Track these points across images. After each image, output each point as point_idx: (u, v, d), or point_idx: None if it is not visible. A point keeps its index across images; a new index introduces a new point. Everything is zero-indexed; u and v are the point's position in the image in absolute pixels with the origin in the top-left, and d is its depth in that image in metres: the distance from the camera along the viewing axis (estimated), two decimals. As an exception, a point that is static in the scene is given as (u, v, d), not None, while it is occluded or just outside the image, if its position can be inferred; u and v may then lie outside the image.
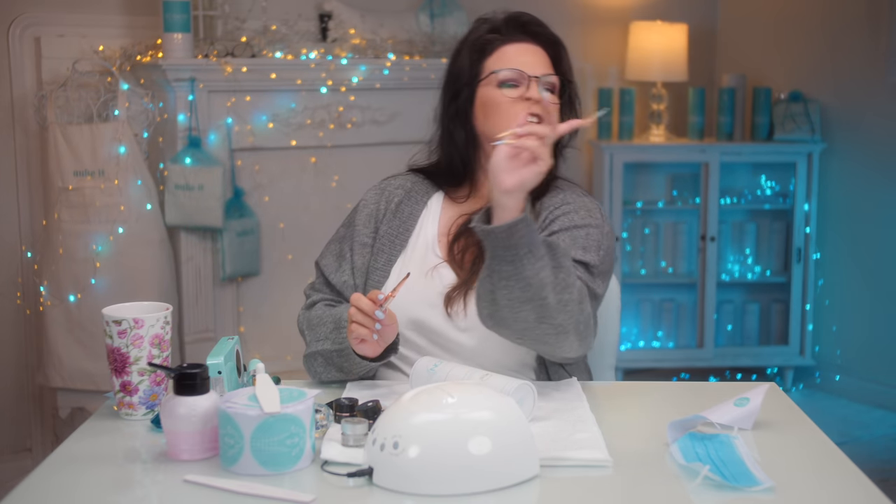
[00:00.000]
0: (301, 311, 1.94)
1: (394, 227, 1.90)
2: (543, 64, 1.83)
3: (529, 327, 1.62)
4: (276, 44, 3.51)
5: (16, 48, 3.31)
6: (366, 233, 1.91)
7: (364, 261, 1.89)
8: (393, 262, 1.87)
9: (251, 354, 3.50)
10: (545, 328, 1.62)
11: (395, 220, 1.91)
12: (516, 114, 1.74)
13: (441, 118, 1.91)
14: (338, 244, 1.95)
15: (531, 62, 1.82)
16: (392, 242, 1.89)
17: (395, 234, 1.89)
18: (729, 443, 1.44)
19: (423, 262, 1.85)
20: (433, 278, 1.82)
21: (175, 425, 1.42)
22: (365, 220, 1.92)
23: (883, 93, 3.99)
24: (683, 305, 4.32)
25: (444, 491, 1.29)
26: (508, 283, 1.58)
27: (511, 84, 1.80)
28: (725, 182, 4.23)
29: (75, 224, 3.20)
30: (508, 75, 1.81)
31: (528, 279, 1.58)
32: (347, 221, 1.97)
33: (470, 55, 1.86)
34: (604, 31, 4.39)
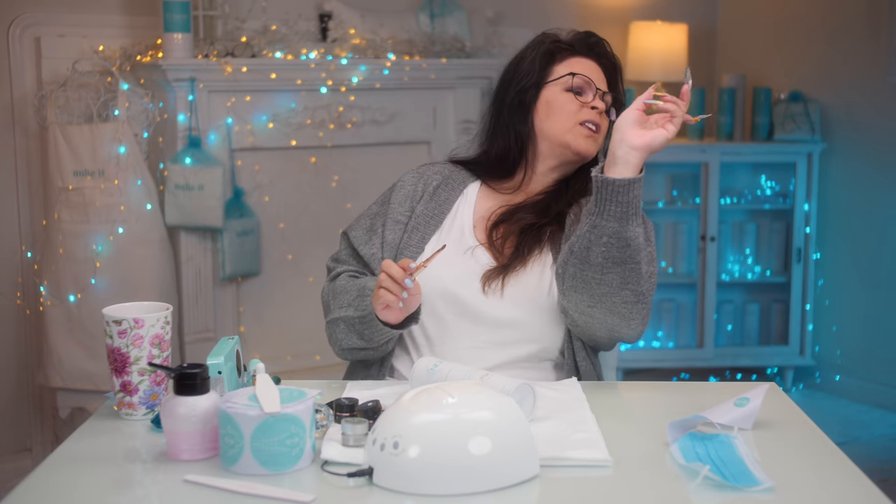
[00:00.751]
0: (325, 282, 1.99)
1: (430, 208, 1.96)
2: (604, 83, 1.97)
3: (611, 291, 1.71)
4: (276, 44, 3.51)
5: (16, 48, 3.31)
6: (401, 211, 1.97)
7: (395, 237, 1.94)
8: (427, 240, 1.93)
9: (251, 354, 3.50)
10: (626, 295, 1.72)
11: (431, 202, 1.97)
12: (578, 117, 1.92)
13: (499, 112, 2.01)
14: (369, 219, 2.01)
15: (597, 78, 1.96)
16: (427, 223, 1.95)
17: (431, 216, 1.95)
18: (729, 443, 1.44)
19: (458, 243, 1.92)
20: (469, 258, 1.88)
21: (175, 425, 1.42)
22: (401, 200, 1.98)
23: (883, 93, 3.99)
24: (683, 305, 4.32)
25: (444, 491, 1.29)
26: (610, 240, 1.68)
27: (577, 91, 1.94)
28: (725, 182, 4.23)
29: (75, 224, 3.20)
30: (580, 82, 1.94)
31: (628, 240, 1.68)
32: (382, 199, 2.03)
33: (540, 58, 1.98)
34: (604, 31, 4.33)
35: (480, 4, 4.03)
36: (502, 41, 4.03)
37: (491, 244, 1.91)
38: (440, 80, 3.75)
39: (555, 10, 4.30)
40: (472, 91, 3.83)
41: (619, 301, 1.73)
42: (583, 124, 1.92)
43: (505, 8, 4.11)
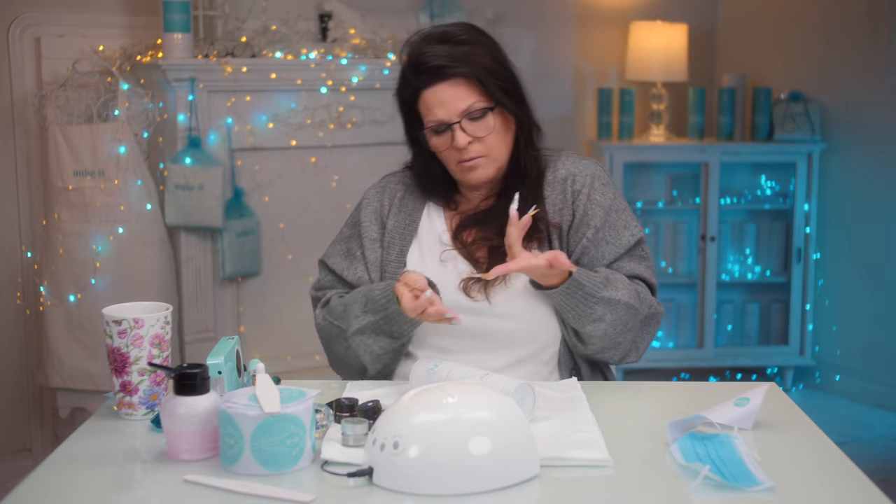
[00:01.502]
0: (318, 312, 1.94)
1: (400, 220, 1.93)
2: (463, 96, 1.79)
3: (639, 337, 1.84)
4: (276, 44, 3.51)
5: (16, 48, 3.31)
6: (373, 229, 1.93)
7: (376, 256, 1.91)
8: (405, 253, 1.90)
9: (251, 354, 3.50)
10: (646, 337, 1.85)
11: (400, 214, 1.93)
12: (453, 160, 1.83)
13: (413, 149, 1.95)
14: (344, 244, 1.96)
15: (448, 102, 1.80)
16: (402, 234, 1.92)
17: (404, 227, 1.92)
18: (729, 443, 1.44)
19: (434, 249, 1.90)
20: (450, 268, 1.86)
21: (175, 425, 1.42)
22: (370, 218, 1.94)
23: (883, 93, 3.99)
24: (683, 305, 4.32)
25: (444, 491, 1.29)
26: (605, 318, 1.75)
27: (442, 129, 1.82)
28: (725, 182, 4.23)
29: (75, 224, 3.20)
30: (434, 126, 1.82)
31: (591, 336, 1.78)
32: (351, 221, 1.99)
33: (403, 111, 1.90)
34: (604, 31, 4.39)
35: (480, 4, 4.02)
36: (502, 41, 4.02)
37: (467, 253, 1.87)
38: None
39: (555, 10, 4.30)
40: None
41: (647, 335, 1.87)
42: (459, 163, 1.83)
43: (505, 8, 4.11)
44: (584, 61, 4.38)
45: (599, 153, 4.18)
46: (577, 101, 4.39)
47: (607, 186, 1.89)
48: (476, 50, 1.82)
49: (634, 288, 1.81)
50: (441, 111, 1.80)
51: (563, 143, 4.48)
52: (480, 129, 1.81)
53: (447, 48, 1.80)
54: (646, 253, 1.88)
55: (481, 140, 1.81)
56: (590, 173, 1.88)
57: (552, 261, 1.68)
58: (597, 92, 4.30)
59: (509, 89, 1.85)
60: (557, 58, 4.32)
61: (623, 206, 1.89)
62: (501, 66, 1.85)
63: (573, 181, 1.87)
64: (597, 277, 1.76)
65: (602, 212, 1.85)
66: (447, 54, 1.79)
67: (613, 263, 1.85)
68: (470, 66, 1.79)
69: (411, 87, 1.83)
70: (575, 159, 1.91)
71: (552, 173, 1.89)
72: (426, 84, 1.80)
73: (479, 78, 1.79)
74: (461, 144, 1.80)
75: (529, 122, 1.89)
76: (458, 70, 1.79)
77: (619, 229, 1.85)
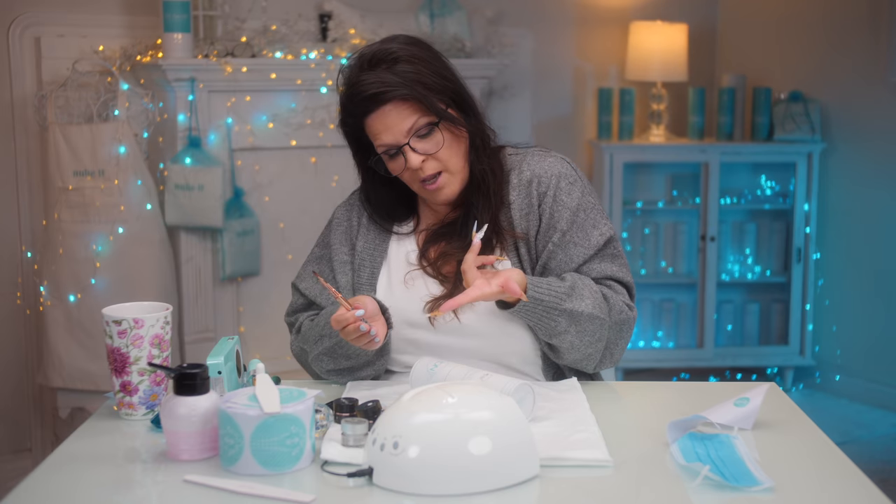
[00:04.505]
0: (292, 338, 1.94)
1: (369, 240, 1.90)
2: (406, 116, 1.75)
3: (612, 344, 1.79)
4: (276, 44, 3.51)
5: (16, 48, 3.31)
6: (343, 251, 1.91)
7: (347, 279, 1.89)
8: (376, 275, 1.87)
9: (251, 354, 3.50)
10: (620, 343, 1.80)
11: (369, 233, 1.91)
12: (413, 181, 1.80)
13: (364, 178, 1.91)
14: (316, 265, 1.94)
15: (392, 125, 1.76)
16: (371, 255, 1.89)
17: (374, 247, 1.90)
18: (729, 443, 1.44)
19: (402, 270, 1.87)
20: (420, 288, 1.83)
21: (175, 425, 1.42)
22: (340, 239, 1.92)
23: (883, 93, 3.99)
24: (683, 305, 4.32)
25: (444, 491, 1.29)
26: (570, 330, 1.71)
27: (393, 153, 1.78)
28: (725, 182, 4.23)
29: (75, 224, 3.20)
30: (384, 150, 1.78)
31: (561, 349, 1.74)
32: (322, 241, 1.97)
33: (350, 143, 1.86)
34: (604, 31, 4.39)
35: (480, 4, 4.02)
36: (502, 41, 4.03)
37: (435, 271, 1.84)
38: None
39: (555, 10, 4.30)
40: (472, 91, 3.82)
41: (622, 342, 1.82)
42: (422, 183, 1.80)
43: (505, 8, 4.11)
44: (584, 61, 4.38)
45: (599, 153, 4.18)
46: (577, 101, 4.39)
47: (574, 185, 1.83)
48: (412, 67, 1.76)
49: (602, 295, 1.76)
50: (387, 136, 1.76)
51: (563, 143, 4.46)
52: (430, 146, 1.77)
53: (381, 72, 1.75)
54: (618, 251, 1.83)
55: (434, 156, 1.77)
56: (555, 173, 1.83)
57: (504, 287, 1.64)
58: (597, 92, 4.29)
59: (453, 100, 1.80)
60: (557, 58, 4.32)
61: (591, 205, 1.83)
62: (441, 78, 1.79)
63: (538, 183, 1.82)
64: (560, 288, 1.71)
65: (569, 213, 1.80)
66: (381, 80, 1.74)
67: (584, 266, 1.80)
68: (407, 86, 1.74)
69: (352, 117, 1.79)
70: (540, 158, 1.86)
71: (517, 176, 1.84)
72: (367, 112, 1.76)
73: (417, 96, 1.74)
74: (415, 165, 1.76)
75: (480, 129, 1.84)
76: (396, 93, 1.73)
77: (588, 229, 1.81)
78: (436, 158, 1.77)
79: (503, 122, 4.15)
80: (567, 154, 1.94)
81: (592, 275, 1.80)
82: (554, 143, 4.32)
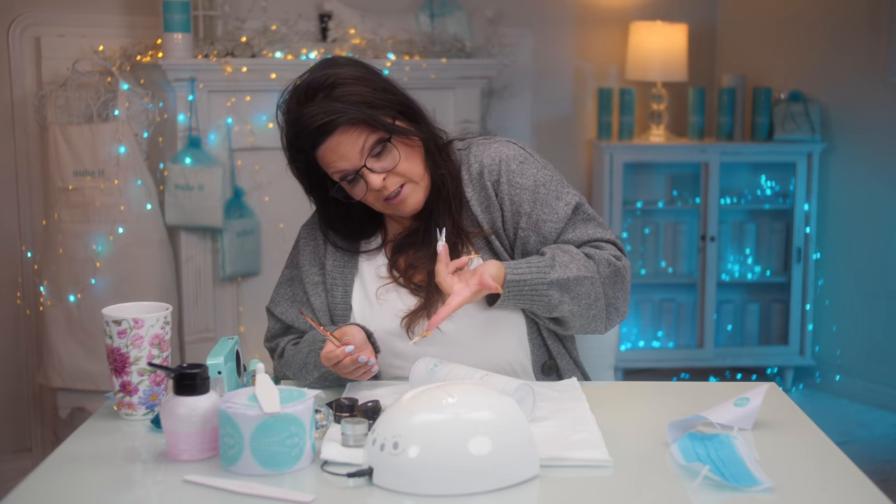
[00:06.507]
0: (275, 363, 1.92)
1: (338, 258, 1.88)
2: (356, 139, 1.72)
3: (613, 298, 1.78)
4: (276, 44, 3.51)
5: (16, 48, 3.31)
6: (313, 272, 1.88)
7: (321, 301, 1.87)
8: (349, 292, 1.86)
9: (251, 354, 3.50)
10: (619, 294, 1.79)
11: (337, 251, 1.88)
12: (377, 202, 1.77)
13: (320, 208, 1.88)
14: (289, 287, 1.92)
15: (345, 152, 1.72)
16: (342, 273, 1.87)
17: (343, 264, 1.87)
18: (729, 443, 1.44)
19: (374, 285, 1.85)
20: (395, 302, 1.82)
21: (175, 425, 1.42)
22: (309, 260, 1.90)
23: (883, 93, 3.99)
24: (683, 305, 4.32)
25: (444, 491, 1.29)
26: (565, 300, 1.71)
27: (352, 178, 1.75)
28: (725, 182, 4.23)
29: (75, 224, 3.20)
30: (341, 177, 1.75)
31: (565, 319, 1.75)
32: (291, 262, 1.94)
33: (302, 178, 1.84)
34: (604, 31, 4.39)
35: (480, 4, 4.02)
36: (502, 41, 4.03)
37: (407, 281, 1.82)
38: (440, 80, 3.75)
39: (555, 10, 4.30)
40: (473, 91, 3.83)
41: (619, 299, 1.80)
42: (386, 201, 1.76)
43: (505, 8, 4.11)
44: (584, 61, 4.37)
45: (599, 153, 4.18)
46: (577, 101, 4.39)
47: (525, 164, 1.80)
48: (351, 89, 1.72)
49: (584, 255, 1.74)
50: (343, 163, 1.73)
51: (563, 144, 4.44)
52: (388, 163, 1.74)
53: (321, 102, 1.71)
54: (589, 214, 1.81)
55: (393, 172, 1.74)
56: (501, 157, 1.80)
57: (480, 285, 1.64)
58: (597, 92, 4.29)
59: (399, 112, 1.77)
60: (557, 58, 4.31)
61: (549, 177, 1.81)
62: (382, 91, 1.75)
63: (488, 173, 1.80)
64: (541, 262, 1.70)
65: (528, 193, 1.78)
66: (323, 110, 1.70)
67: (559, 239, 1.78)
68: (350, 110, 1.70)
69: (302, 153, 1.77)
70: (484, 147, 1.83)
71: (467, 171, 1.82)
72: (317, 144, 1.73)
73: (363, 118, 1.71)
74: (377, 185, 1.73)
75: (431, 134, 1.81)
76: (342, 119, 1.70)
77: (552, 202, 1.78)
78: (395, 173, 1.75)
79: (503, 122, 4.15)
80: (567, 154, 1.93)
81: (572, 244, 1.78)
82: (554, 143, 4.32)
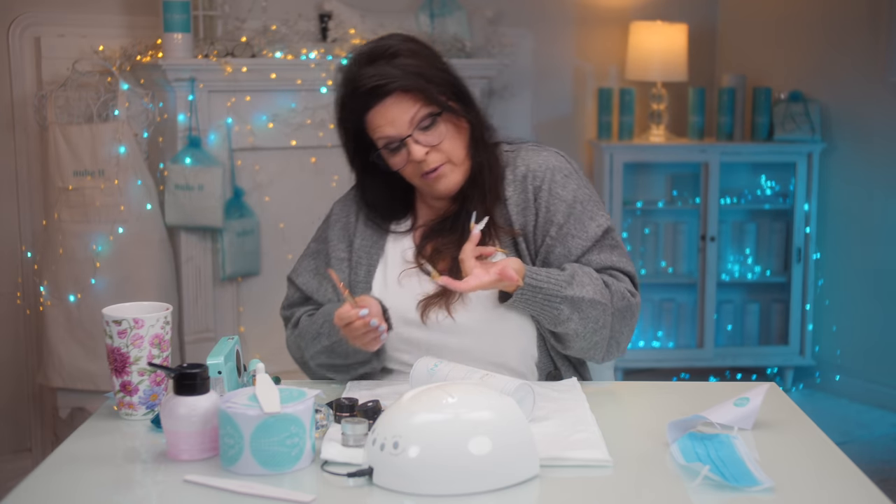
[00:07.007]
0: (288, 332, 1.94)
1: (367, 237, 1.90)
2: (408, 108, 1.75)
3: (617, 332, 1.78)
4: (276, 44, 3.51)
5: (16, 48, 3.31)
6: (341, 248, 1.90)
7: (344, 276, 1.88)
8: (373, 273, 1.87)
9: (251, 354, 3.50)
10: (625, 330, 1.79)
11: (367, 230, 1.90)
12: (415, 174, 1.79)
13: (359, 178, 1.91)
14: (313, 260, 1.94)
15: (395, 118, 1.75)
16: (369, 253, 1.88)
17: (371, 244, 1.89)
18: (729, 443, 1.44)
19: (398, 268, 1.86)
20: (415, 286, 1.83)
21: (175, 425, 1.42)
22: (338, 235, 1.91)
23: (883, 93, 3.99)
24: (683, 305, 4.32)
25: (444, 491, 1.29)
26: (573, 318, 1.71)
27: (395, 145, 1.77)
28: (725, 182, 4.23)
29: (75, 224, 3.20)
30: (386, 144, 1.78)
31: (567, 336, 1.75)
32: (319, 236, 1.96)
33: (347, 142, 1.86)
34: (604, 31, 4.39)
35: (480, 4, 4.02)
36: (502, 41, 4.03)
37: (426, 265, 1.83)
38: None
39: (555, 10, 4.30)
40: (473, 91, 3.82)
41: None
42: (424, 176, 1.79)
43: (505, 8, 4.11)
44: (584, 61, 4.37)
45: (599, 153, 4.18)
46: (577, 101, 4.39)
47: (569, 178, 1.83)
48: (411, 60, 1.76)
49: (603, 282, 1.76)
50: (390, 128, 1.75)
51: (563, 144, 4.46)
52: (433, 138, 1.77)
53: (380, 66, 1.75)
54: (616, 241, 1.83)
55: (437, 148, 1.77)
56: (549, 167, 1.83)
57: (501, 274, 1.65)
58: (597, 92, 4.29)
59: (452, 93, 1.80)
60: (557, 58, 4.31)
61: (588, 196, 1.83)
62: (440, 71, 1.79)
63: (533, 177, 1.82)
64: (560, 276, 1.72)
65: (565, 206, 1.80)
66: (381, 73, 1.74)
67: (583, 257, 1.80)
68: (407, 77, 1.74)
69: (353, 114, 1.79)
70: (534, 153, 1.86)
71: (512, 172, 1.84)
72: (368, 106, 1.76)
73: (418, 87, 1.74)
74: (418, 157, 1.75)
75: (480, 122, 1.84)
76: (397, 84, 1.73)
77: (585, 221, 1.80)
78: (439, 150, 1.77)
79: (503, 122, 4.12)
80: (567, 154, 1.94)
81: (593, 265, 1.79)
82: (554, 143, 4.28)
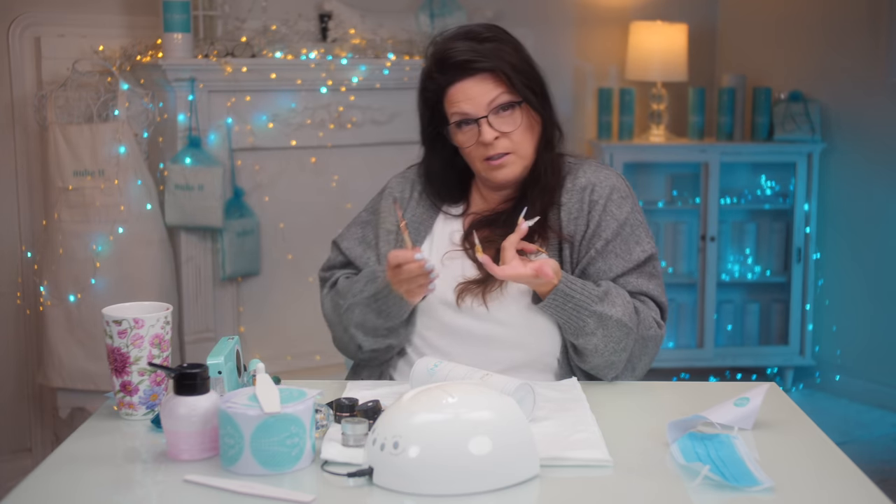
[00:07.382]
0: (325, 293, 1.96)
1: (418, 214, 1.93)
2: (490, 90, 1.79)
3: (635, 357, 1.80)
4: (276, 44, 3.51)
5: (16, 48, 3.31)
6: (391, 220, 1.93)
7: (389, 248, 1.90)
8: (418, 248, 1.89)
9: (251, 354, 3.50)
10: (644, 358, 1.81)
11: (419, 207, 1.94)
12: (480, 156, 1.82)
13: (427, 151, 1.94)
14: (360, 228, 1.98)
15: (475, 96, 1.79)
16: (417, 229, 1.91)
17: (420, 221, 1.92)
18: (729, 443, 1.44)
19: (444, 248, 1.89)
20: (456, 269, 1.86)
21: (175, 425, 1.42)
22: (390, 208, 1.94)
23: (883, 93, 3.99)
24: (683, 305, 4.32)
25: (444, 491, 1.29)
26: (597, 333, 1.73)
27: (467, 122, 1.80)
28: (725, 182, 4.23)
29: (75, 224, 3.20)
30: (459, 119, 1.81)
31: (587, 350, 1.76)
32: (371, 207, 1.99)
33: (425, 111, 1.89)
34: (604, 31, 4.39)
35: (480, 4, 4.02)
36: (502, 41, 4.03)
37: (472, 253, 1.85)
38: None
39: (555, 10, 4.30)
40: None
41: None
42: (486, 161, 1.82)
43: (505, 8, 4.11)
44: (584, 61, 4.37)
45: (599, 153, 4.18)
46: (577, 101, 4.39)
47: (625, 200, 1.86)
48: (502, 47, 1.81)
49: (634, 307, 1.78)
50: (468, 105, 1.79)
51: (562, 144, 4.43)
52: (507, 125, 1.80)
53: (472, 44, 1.80)
54: (656, 271, 1.85)
55: (507, 136, 1.80)
56: (609, 185, 1.86)
57: (538, 270, 1.67)
58: (597, 92, 4.29)
59: (535, 88, 1.84)
60: (557, 58, 4.31)
61: (638, 222, 1.86)
62: (527, 65, 1.84)
63: (592, 191, 1.85)
64: (594, 291, 1.74)
65: (616, 224, 1.83)
66: (473, 49, 1.79)
67: (620, 277, 1.82)
68: (496, 60, 1.78)
69: (436, 84, 1.83)
70: (596, 169, 1.89)
71: (572, 181, 1.87)
72: (453, 80, 1.80)
73: (505, 73, 1.78)
74: (488, 139, 1.79)
75: (553, 123, 1.88)
76: (485, 64, 1.78)
77: (631, 244, 1.83)
78: (508, 138, 1.80)
79: (503, 122, 4.15)
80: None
81: (628, 288, 1.81)
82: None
